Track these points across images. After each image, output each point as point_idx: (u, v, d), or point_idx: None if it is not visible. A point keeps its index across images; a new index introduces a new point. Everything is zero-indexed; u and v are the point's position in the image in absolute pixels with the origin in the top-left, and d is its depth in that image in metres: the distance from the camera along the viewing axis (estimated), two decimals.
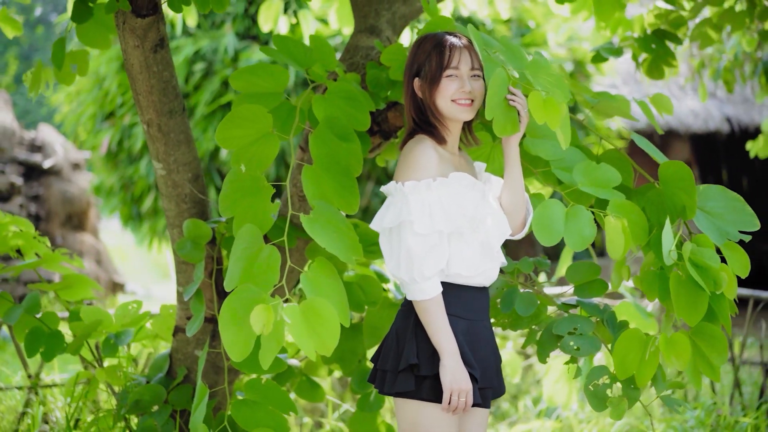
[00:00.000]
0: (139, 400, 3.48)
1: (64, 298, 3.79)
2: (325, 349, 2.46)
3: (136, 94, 3.22)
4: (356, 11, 3.55)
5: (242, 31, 8.49)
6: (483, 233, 2.60)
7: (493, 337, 2.75)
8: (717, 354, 2.73)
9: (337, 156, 2.79)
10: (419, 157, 2.58)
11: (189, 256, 3.29)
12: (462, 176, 2.59)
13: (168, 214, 3.41)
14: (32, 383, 4.61)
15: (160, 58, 3.16)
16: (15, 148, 11.25)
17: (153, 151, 3.33)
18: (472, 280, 2.62)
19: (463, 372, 2.52)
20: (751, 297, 5.47)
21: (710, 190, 2.82)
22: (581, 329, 3.00)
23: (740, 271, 2.73)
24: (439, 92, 2.62)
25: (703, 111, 10.64)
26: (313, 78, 2.99)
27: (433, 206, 2.53)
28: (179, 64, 8.40)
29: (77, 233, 11.58)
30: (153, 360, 3.75)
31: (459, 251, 2.58)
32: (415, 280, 2.52)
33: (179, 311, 3.56)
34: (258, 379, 3.23)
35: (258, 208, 2.77)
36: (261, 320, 2.35)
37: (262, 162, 2.81)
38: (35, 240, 3.86)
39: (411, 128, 2.70)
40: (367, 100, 2.97)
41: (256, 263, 2.55)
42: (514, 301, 3.13)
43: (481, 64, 2.63)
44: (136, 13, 3.04)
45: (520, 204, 2.68)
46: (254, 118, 2.78)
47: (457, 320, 2.59)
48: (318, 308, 2.44)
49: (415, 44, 2.70)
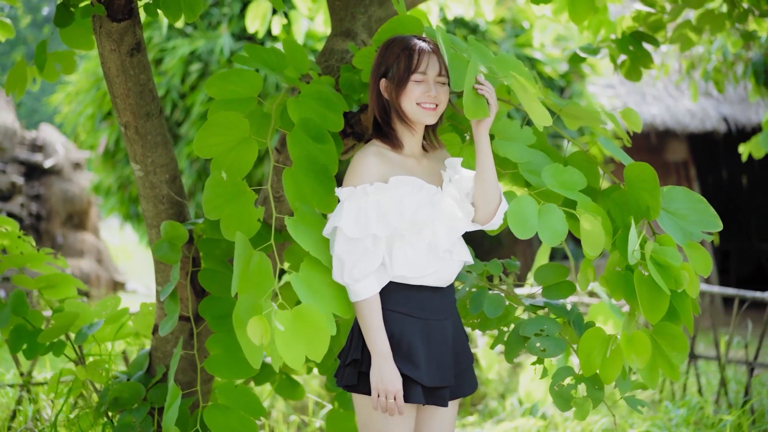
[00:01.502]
0: (119, 398, 3.54)
1: (47, 297, 3.84)
2: (315, 355, 2.52)
3: (114, 97, 3.28)
4: (333, 15, 3.60)
5: (238, 32, 8.55)
6: (429, 235, 2.65)
7: (460, 336, 2.79)
8: (677, 353, 2.79)
9: (314, 157, 2.85)
10: (358, 165, 2.66)
11: (166, 258, 3.34)
12: (403, 180, 2.64)
13: (146, 214, 3.47)
14: (24, 381, 4.67)
15: (137, 62, 3.21)
16: (16, 148, 11.34)
17: (131, 152, 3.39)
18: (422, 280, 2.67)
19: (391, 374, 2.58)
20: (737, 296, 5.50)
21: (674, 192, 2.87)
22: (548, 330, 3.05)
23: (702, 270, 2.77)
24: (405, 95, 2.67)
25: (700, 111, 10.64)
26: (286, 81, 3.04)
27: (369, 210, 2.60)
28: (176, 64, 8.47)
29: (78, 232, 11.66)
30: (134, 358, 3.81)
31: (402, 253, 2.64)
32: (347, 283, 2.61)
33: (158, 310, 3.62)
34: (231, 383, 3.29)
35: (243, 213, 2.82)
36: (258, 332, 2.42)
37: (242, 167, 2.87)
38: (20, 239, 3.92)
39: (372, 130, 2.76)
40: (340, 101, 3.02)
41: (248, 270, 2.60)
42: (482, 303, 3.17)
43: (447, 70, 2.70)
44: (112, 17, 3.09)
45: (490, 192, 2.71)
46: (231, 125, 2.84)
47: (410, 319, 2.66)
48: (309, 314, 2.50)
49: (384, 46, 2.75)
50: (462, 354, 2.79)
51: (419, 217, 2.62)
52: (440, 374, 2.68)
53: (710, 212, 2.84)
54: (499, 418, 5.77)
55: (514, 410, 5.79)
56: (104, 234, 15.78)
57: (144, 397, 3.56)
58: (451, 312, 2.78)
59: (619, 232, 2.84)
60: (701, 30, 4.39)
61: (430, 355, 2.67)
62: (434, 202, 2.66)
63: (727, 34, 5.46)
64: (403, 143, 2.74)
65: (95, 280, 11.38)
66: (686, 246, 2.78)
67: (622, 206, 2.87)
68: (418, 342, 2.65)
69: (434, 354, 2.68)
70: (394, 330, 2.64)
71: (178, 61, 8.46)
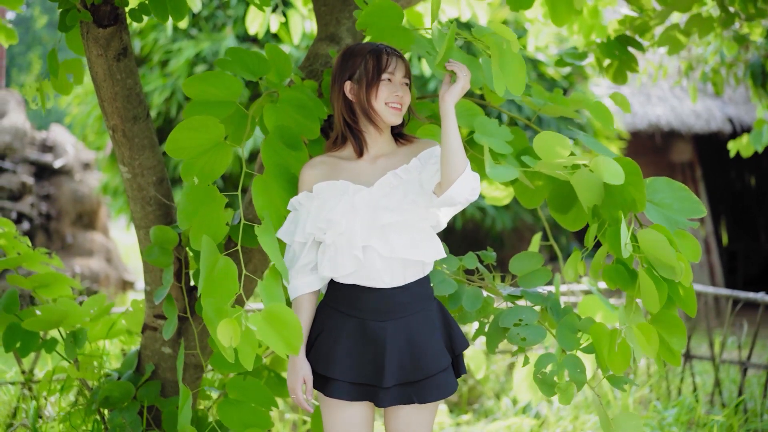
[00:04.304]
0: (109, 396, 3.60)
1: (41, 296, 3.91)
2: (291, 349, 2.57)
3: (101, 101, 3.35)
4: (318, 19, 3.66)
5: (242, 34, 8.65)
6: (344, 238, 2.74)
7: (422, 340, 2.78)
8: (677, 338, 2.86)
9: (286, 165, 2.91)
10: (300, 176, 2.85)
11: (157, 262, 3.40)
12: (325, 186, 2.77)
13: (134, 216, 3.54)
14: (25, 379, 4.75)
15: (123, 67, 3.28)
16: (26, 148, 11.46)
17: (119, 155, 3.46)
18: (349, 279, 2.77)
19: (293, 373, 2.80)
20: (730, 297, 5.52)
21: (657, 183, 2.92)
22: (526, 319, 3.10)
23: (692, 257, 2.83)
24: (376, 94, 2.77)
25: (705, 111, 10.65)
26: (268, 86, 3.11)
27: (300, 218, 2.79)
28: (181, 66, 8.57)
29: (88, 232, 11.77)
30: (125, 356, 3.88)
31: (327, 255, 2.77)
32: (287, 284, 2.82)
33: (147, 309, 3.68)
34: (239, 378, 3.35)
35: (212, 217, 2.88)
36: (227, 334, 2.49)
37: (214, 171, 2.92)
38: (16, 240, 4.00)
39: (338, 133, 2.85)
40: (319, 108, 3.07)
41: (213, 274, 2.65)
42: (461, 298, 3.23)
43: (410, 73, 2.81)
44: (98, 23, 3.16)
45: (452, 159, 2.64)
46: (203, 129, 2.88)
47: (344, 316, 2.79)
48: (278, 313, 2.56)
49: (345, 53, 2.84)
50: (423, 360, 2.77)
51: (332, 217, 2.72)
52: (362, 372, 2.75)
53: (692, 199, 2.88)
54: (494, 417, 5.82)
55: (509, 409, 5.84)
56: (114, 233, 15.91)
57: (134, 396, 3.63)
58: (400, 314, 2.78)
59: (607, 227, 2.90)
60: (689, 33, 4.42)
61: (354, 352, 2.76)
62: (354, 201, 2.74)
63: (721, 36, 5.49)
64: (367, 144, 2.83)
65: (104, 280, 11.49)
66: (675, 234, 2.83)
67: (609, 200, 2.92)
68: (344, 338, 2.77)
69: (360, 352, 2.76)
70: (325, 324, 2.81)
71: (183, 63, 8.56)
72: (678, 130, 10.58)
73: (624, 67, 4.20)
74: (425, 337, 2.79)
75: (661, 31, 4.46)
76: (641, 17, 4.25)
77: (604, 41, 4.23)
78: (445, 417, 5.62)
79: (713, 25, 4.41)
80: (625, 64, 4.18)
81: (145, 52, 9.13)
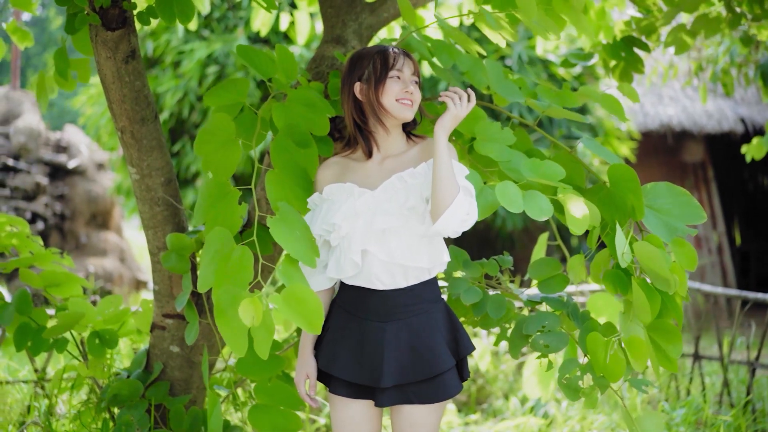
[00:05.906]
0: (117, 394, 3.64)
1: (51, 295, 3.96)
2: (313, 328, 2.56)
3: (110, 103, 3.39)
4: (325, 22, 3.70)
5: (254, 35, 8.69)
6: (345, 240, 2.78)
7: (423, 342, 2.79)
8: (672, 345, 2.87)
9: (296, 161, 2.95)
10: (315, 176, 2.93)
11: (174, 268, 3.45)
12: (334, 188, 2.82)
13: (143, 216, 3.58)
14: (38, 377, 4.81)
15: (132, 69, 3.32)
16: (41, 149, 11.54)
17: (127, 156, 3.50)
18: (353, 281, 2.82)
19: (298, 369, 2.91)
20: (739, 297, 5.52)
21: (658, 188, 2.92)
22: (549, 326, 3.12)
23: (688, 265, 2.84)
24: (385, 92, 2.79)
25: (716, 111, 10.62)
26: (276, 86, 3.14)
27: (313, 218, 2.84)
28: (193, 67, 8.62)
29: (101, 232, 11.85)
30: (135, 355, 3.92)
31: (334, 256, 2.83)
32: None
33: (155, 308, 3.72)
34: (265, 382, 3.38)
35: (227, 211, 2.92)
36: (249, 312, 2.50)
37: (227, 168, 2.97)
38: (29, 239, 4.05)
39: (349, 135, 2.90)
40: (326, 105, 3.10)
41: (229, 264, 2.67)
42: (485, 305, 3.25)
43: (419, 72, 2.84)
44: (107, 26, 3.20)
45: (438, 192, 2.65)
46: (218, 128, 2.95)
47: (350, 317, 2.85)
48: (297, 293, 2.57)
49: (354, 57, 2.87)
50: (424, 361, 2.78)
51: (335, 220, 2.76)
52: (360, 371, 2.79)
53: (693, 204, 2.89)
54: (502, 416, 5.84)
55: (518, 409, 5.85)
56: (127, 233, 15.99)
57: (142, 395, 3.67)
58: (401, 315, 2.80)
59: (608, 230, 2.91)
60: (696, 34, 4.42)
61: (356, 352, 2.80)
62: (357, 204, 2.77)
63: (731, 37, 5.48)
64: (378, 144, 2.85)
65: (118, 279, 11.56)
66: (672, 243, 2.84)
67: (609, 206, 2.94)
68: (347, 337, 2.82)
69: (362, 352, 2.80)
70: (333, 322, 2.87)
71: (195, 64, 8.61)
72: (690, 131, 10.55)
73: (630, 68, 4.21)
74: (427, 339, 2.80)
75: (668, 32, 4.46)
76: (647, 18, 4.26)
77: (610, 42, 4.23)
78: (453, 416, 5.64)
79: (720, 25, 4.41)
80: (631, 65, 4.19)
81: (157, 54, 9.19)
